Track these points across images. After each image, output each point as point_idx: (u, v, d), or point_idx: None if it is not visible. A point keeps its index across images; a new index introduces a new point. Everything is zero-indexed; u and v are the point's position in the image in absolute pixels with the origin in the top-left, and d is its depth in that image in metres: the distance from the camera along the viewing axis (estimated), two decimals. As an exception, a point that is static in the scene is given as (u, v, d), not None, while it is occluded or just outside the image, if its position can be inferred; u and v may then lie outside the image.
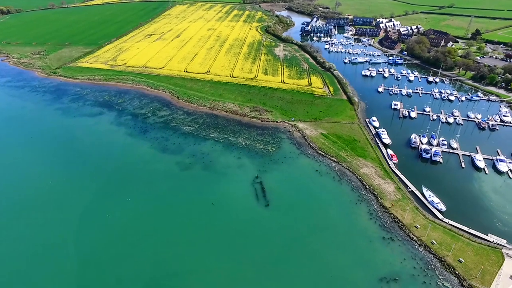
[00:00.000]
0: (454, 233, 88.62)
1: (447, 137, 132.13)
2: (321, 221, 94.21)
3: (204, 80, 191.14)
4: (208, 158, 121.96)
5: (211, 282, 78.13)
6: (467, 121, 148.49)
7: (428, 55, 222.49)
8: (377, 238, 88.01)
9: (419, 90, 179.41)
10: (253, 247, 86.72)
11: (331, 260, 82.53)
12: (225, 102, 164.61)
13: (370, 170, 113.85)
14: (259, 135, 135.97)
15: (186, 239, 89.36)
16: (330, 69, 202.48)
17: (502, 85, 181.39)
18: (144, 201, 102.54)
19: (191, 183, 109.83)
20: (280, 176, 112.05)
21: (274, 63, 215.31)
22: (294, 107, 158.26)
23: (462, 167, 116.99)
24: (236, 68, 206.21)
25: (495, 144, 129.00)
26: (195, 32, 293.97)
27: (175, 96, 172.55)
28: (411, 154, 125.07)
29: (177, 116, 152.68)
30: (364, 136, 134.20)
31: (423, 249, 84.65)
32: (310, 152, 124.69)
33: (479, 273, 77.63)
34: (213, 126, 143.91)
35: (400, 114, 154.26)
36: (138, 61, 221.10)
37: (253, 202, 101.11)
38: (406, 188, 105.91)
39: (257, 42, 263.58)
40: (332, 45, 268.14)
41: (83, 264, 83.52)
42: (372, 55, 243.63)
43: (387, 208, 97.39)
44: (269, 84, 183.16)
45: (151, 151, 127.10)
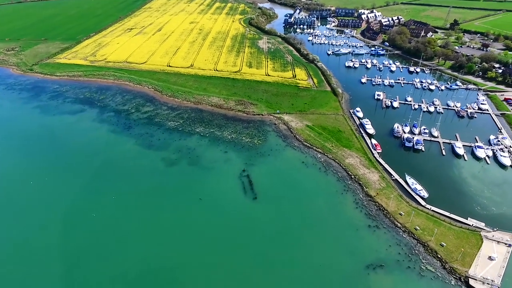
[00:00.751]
0: (436, 219, 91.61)
1: (428, 125, 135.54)
2: (309, 212, 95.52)
3: (188, 74, 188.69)
4: (194, 153, 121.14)
5: (201, 277, 78.35)
6: (447, 109, 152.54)
7: (409, 45, 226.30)
8: (363, 227, 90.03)
9: (401, 80, 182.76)
10: (242, 240, 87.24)
11: (319, 250, 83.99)
12: (210, 96, 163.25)
13: (355, 160, 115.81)
14: (245, 129, 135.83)
15: (174, 235, 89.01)
16: (314, 61, 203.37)
17: (479, 74, 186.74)
18: (130, 199, 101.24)
19: (178, 179, 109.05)
20: (267, 169, 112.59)
21: (258, 55, 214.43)
22: (279, 100, 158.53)
23: (443, 155, 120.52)
24: (220, 62, 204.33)
25: (474, 131, 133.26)
26: (177, 26, 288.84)
27: (159, 91, 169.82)
28: (394, 143, 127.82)
29: (161, 112, 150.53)
30: (348, 127, 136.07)
31: (407, 235, 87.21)
32: (296, 144, 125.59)
33: (459, 256, 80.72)
34: (198, 120, 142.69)
35: (383, 104, 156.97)
36: (119, 56, 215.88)
37: (241, 195, 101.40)
38: (390, 177, 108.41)
39: (240, 34, 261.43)
40: (315, 37, 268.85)
41: (69, 264, 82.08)
42: (354, 46, 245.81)
43: (372, 197, 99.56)
44: (253, 77, 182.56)
45: (135, 148, 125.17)
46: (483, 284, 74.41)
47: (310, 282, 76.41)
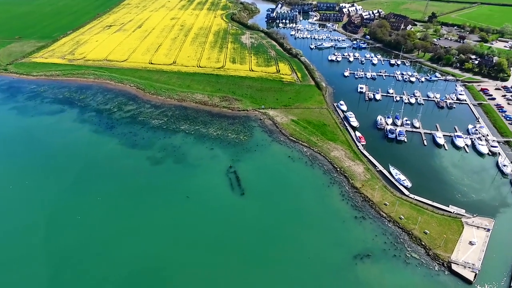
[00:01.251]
0: (420, 207, 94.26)
1: (410, 117, 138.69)
2: (296, 205, 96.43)
3: (171, 71, 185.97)
4: (180, 151, 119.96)
5: (191, 274, 78.08)
6: (427, 100, 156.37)
7: (389, 38, 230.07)
8: (349, 218, 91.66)
9: (382, 73, 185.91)
10: (231, 236, 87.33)
11: (307, 243, 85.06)
12: (194, 93, 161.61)
13: (340, 153, 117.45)
14: (231, 125, 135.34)
15: (162, 234, 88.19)
16: (297, 56, 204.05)
17: (457, 65, 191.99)
18: (116, 199, 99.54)
19: (164, 178, 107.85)
20: (254, 164, 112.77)
21: (242, 51, 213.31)
22: (263, 95, 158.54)
23: (424, 145, 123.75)
24: (203, 58, 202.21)
25: (453, 121, 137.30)
26: (158, 22, 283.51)
27: (141, 89, 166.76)
28: (377, 135, 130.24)
29: (145, 110, 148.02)
30: (333, 120, 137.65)
31: (392, 224, 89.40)
32: (282, 138, 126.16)
33: (442, 242, 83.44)
34: (182, 118, 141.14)
35: (366, 97, 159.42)
36: (98, 54, 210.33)
37: (229, 192, 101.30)
38: (374, 168, 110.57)
39: (223, 30, 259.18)
40: (298, 31, 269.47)
41: (55, 269, 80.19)
42: (337, 40, 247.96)
43: (358, 189, 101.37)
44: (237, 73, 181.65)
45: (119, 147, 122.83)
46: (464, 268, 77.23)
47: (299, 275, 77.40)
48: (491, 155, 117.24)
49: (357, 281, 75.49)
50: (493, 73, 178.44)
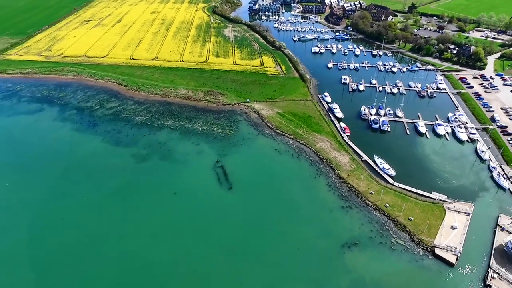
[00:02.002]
0: (404, 195, 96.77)
1: (392, 106, 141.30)
2: (284, 197, 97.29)
3: (153, 66, 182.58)
4: (166, 147, 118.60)
5: (182, 271, 78.00)
6: (409, 90, 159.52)
7: (371, 29, 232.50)
8: (336, 208, 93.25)
9: (365, 64, 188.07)
10: (220, 230, 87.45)
11: (296, 234, 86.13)
12: (178, 88, 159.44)
13: (326, 144, 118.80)
14: (216, 119, 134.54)
15: (151, 231, 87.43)
16: (280, 48, 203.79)
17: (436, 55, 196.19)
18: (102, 198, 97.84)
19: (150, 175, 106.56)
20: (241, 158, 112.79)
21: (225, 44, 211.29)
22: (248, 88, 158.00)
23: (407, 134, 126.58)
24: (185, 52, 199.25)
25: (434, 110, 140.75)
26: (138, 16, 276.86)
27: (123, 85, 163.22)
28: (362, 125, 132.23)
29: (128, 107, 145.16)
30: (318, 112, 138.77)
31: (378, 212, 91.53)
32: (268, 131, 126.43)
33: (425, 228, 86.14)
34: (167, 114, 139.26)
35: (349, 88, 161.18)
36: (77, 51, 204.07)
37: (216, 186, 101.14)
38: (359, 158, 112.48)
39: (205, 23, 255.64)
40: (280, 24, 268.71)
41: (41, 273, 78.48)
42: (320, 32, 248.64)
43: (344, 179, 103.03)
44: (221, 67, 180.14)
45: (103, 145, 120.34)
46: (447, 252, 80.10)
47: (289, 266, 78.49)
48: (470, 142, 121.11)
49: (345, 269, 77.20)
50: (470, 62, 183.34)
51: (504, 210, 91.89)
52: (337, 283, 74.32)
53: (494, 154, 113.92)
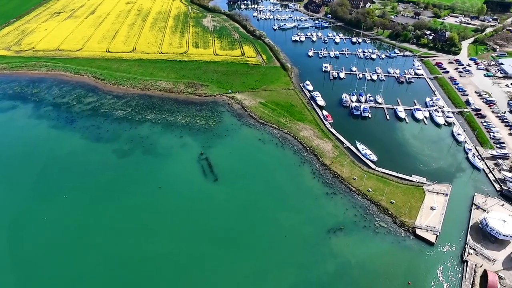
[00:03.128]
0: (386, 179, 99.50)
1: (373, 93, 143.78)
2: (270, 186, 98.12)
3: (131, 59, 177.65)
4: (148, 141, 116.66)
5: (171, 264, 77.80)
6: (388, 76, 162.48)
7: (350, 16, 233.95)
8: (321, 195, 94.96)
9: (345, 51, 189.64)
10: (207, 222, 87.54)
11: (283, 222, 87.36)
12: (158, 80, 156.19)
13: (309, 132, 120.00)
14: (199, 111, 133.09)
15: (137, 227, 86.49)
16: (261, 37, 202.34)
17: (413, 41, 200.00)
18: (84, 196, 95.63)
19: (133, 170, 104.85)
20: (225, 150, 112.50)
21: (204, 35, 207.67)
22: (230, 79, 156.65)
23: (387, 119, 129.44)
24: (164, 44, 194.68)
25: (412, 95, 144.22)
26: (112, 7, 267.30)
27: (100, 79, 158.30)
28: (343, 112, 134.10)
29: (107, 101, 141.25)
30: (300, 101, 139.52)
31: (361, 197, 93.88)
32: (251, 122, 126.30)
33: (407, 210, 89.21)
34: (148, 107, 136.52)
35: (330, 75, 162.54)
36: (49, 44, 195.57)
37: (201, 179, 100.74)
38: (342, 145, 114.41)
39: (183, 14, 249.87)
40: (260, 13, 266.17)
41: (24, 274, 76.51)
42: (299, 20, 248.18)
43: (327, 166, 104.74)
44: (201, 58, 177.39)
45: (82, 142, 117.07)
46: (427, 231, 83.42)
47: (277, 253, 79.76)
48: (447, 125, 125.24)
49: (332, 253, 79.19)
50: (446, 48, 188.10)
51: (479, 190, 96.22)
52: (324, 268, 76.23)
53: (469, 136, 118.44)
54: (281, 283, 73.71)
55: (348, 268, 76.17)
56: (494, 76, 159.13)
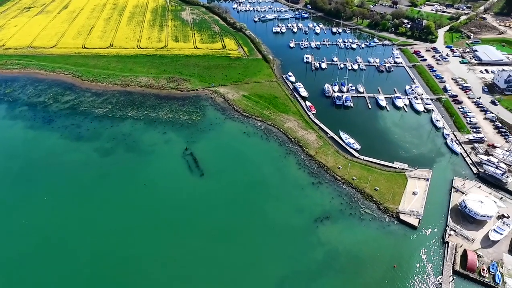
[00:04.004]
0: (369, 167, 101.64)
1: (354, 82, 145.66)
2: (256, 179, 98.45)
3: (109, 55, 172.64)
4: (131, 138, 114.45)
5: (161, 262, 77.21)
6: (368, 66, 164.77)
7: (329, 7, 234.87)
8: (307, 185, 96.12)
9: (326, 42, 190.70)
10: (195, 217, 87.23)
11: (271, 213, 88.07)
12: (138, 76, 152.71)
13: (293, 124, 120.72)
14: (181, 106, 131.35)
15: (123, 226, 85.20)
16: (241, 29, 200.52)
17: (392, 30, 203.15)
18: (66, 197, 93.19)
19: (117, 168, 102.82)
20: (210, 144, 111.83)
21: (184, 28, 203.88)
22: (212, 73, 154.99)
23: (369, 108, 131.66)
24: (142, 38, 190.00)
25: (392, 84, 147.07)
26: (86, 1, 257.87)
27: (78, 77, 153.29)
28: (326, 102, 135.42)
29: (85, 99, 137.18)
30: (283, 92, 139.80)
31: (347, 186, 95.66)
32: (235, 115, 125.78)
33: (390, 196, 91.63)
34: (129, 104, 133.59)
35: (312, 66, 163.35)
36: (20, 41, 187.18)
37: (187, 174, 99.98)
38: (326, 135, 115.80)
39: (160, 7, 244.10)
40: (240, 4, 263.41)
41: (6, 282, 74.32)
42: (279, 11, 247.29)
43: (312, 156, 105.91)
44: (182, 52, 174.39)
45: (62, 142, 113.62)
46: (410, 216, 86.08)
47: (266, 245, 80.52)
48: (426, 112, 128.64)
49: (320, 242, 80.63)
50: (423, 36, 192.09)
51: (457, 173, 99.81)
52: (313, 256, 77.60)
53: (447, 122, 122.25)
54: (271, 274, 74.60)
55: (336, 255, 77.84)
56: (469, 62, 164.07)
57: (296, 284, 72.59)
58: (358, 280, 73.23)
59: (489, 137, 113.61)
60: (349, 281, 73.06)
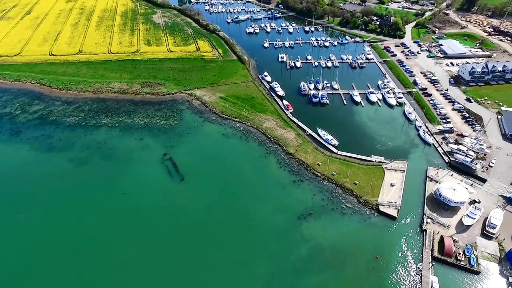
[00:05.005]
0: (348, 162, 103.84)
1: (329, 80, 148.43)
2: (238, 180, 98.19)
3: (78, 61, 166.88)
4: (106, 146, 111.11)
5: (145, 270, 75.44)
6: (341, 63, 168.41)
7: (301, 6, 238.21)
8: (289, 183, 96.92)
9: (299, 41, 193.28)
10: (177, 222, 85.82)
11: (254, 214, 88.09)
12: (110, 82, 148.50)
13: (272, 123, 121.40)
14: (157, 111, 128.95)
15: (103, 237, 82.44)
16: (215, 31, 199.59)
17: (362, 27, 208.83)
18: (40, 211, 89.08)
19: (94, 178, 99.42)
20: (189, 148, 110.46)
21: (156, 32, 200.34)
22: (187, 75, 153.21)
23: (344, 104, 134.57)
24: (113, 43, 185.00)
25: (365, 79, 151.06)
26: (51, 6, 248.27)
27: (46, 85, 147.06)
28: (303, 100, 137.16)
29: (55, 108, 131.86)
30: (260, 92, 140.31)
31: (327, 181, 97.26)
32: (213, 117, 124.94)
33: (369, 189, 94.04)
34: (102, 111, 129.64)
35: (287, 65, 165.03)
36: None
37: (167, 180, 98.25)
38: (304, 133, 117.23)
39: (130, 10, 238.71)
40: (212, 6, 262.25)
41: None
42: (252, 12, 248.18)
43: (292, 154, 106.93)
44: (155, 56, 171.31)
45: (32, 154, 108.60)
46: (389, 207, 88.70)
47: (251, 245, 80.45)
48: (398, 106, 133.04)
49: (304, 239, 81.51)
50: (392, 32, 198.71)
51: (430, 163, 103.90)
52: (298, 253, 78.33)
53: (419, 114, 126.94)
54: (258, 274, 74.64)
55: (320, 251, 78.96)
56: (436, 56, 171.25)
57: (283, 282, 73.03)
58: (343, 273, 74.64)
59: (458, 127, 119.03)
60: (335, 275, 74.31)
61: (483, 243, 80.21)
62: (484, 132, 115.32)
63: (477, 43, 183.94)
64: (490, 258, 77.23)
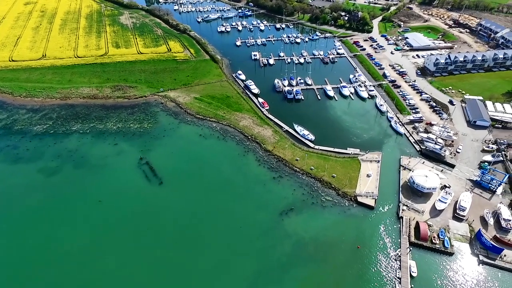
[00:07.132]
0: (325, 156, 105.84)
1: (302, 76, 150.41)
2: (218, 180, 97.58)
3: (42, 67, 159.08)
4: (78, 154, 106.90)
5: (128, 279, 73.44)
6: (313, 58, 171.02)
7: (271, 3, 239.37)
8: (269, 180, 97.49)
9: (271, 38, 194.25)
10: (159, 227, 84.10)
11: (236, 213, 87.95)
12: (79, 87, 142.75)
13: (248, 121, 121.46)
14: (131, 115, 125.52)
15: (80, 249, 79.33)
16: (186, 31, 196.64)
17: (332, 23, 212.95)
18: (10, 226, 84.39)
19: (67, 187, 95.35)
20: (166, 151, 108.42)
21: (124, 33, 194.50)
22: (159, 77, 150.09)
23: (318, 99, 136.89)
24: (79, 47, 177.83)
25: (337, 74, 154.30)
26: (8, 9, 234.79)
27: (8, 93, 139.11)
28: (278, 97, 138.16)
29: (20, 117, 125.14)
30: (235, 91, 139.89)
31: (306, 176, 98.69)
32: (189, 118, 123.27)
33: (347, 181, 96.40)
34: (72, 117, 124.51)
35: (260, 63, 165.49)
36: None
37: (145, 184, 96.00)
38: (281, 129, 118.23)
39: (96, 12, 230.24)
40: (181, 5, 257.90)
41: None
42: (222, 11, 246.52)
43: (270, 151, 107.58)
44: (124, 58, 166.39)
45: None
46: (367, 197, 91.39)
47: (234, 245, 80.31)
48: (370, 98, 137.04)
49: (286, 234, 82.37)
50: (360, 27, 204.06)
51: (403, 152, 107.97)
52: (281, 249, 79.05)
53: (390, 105, 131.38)
54: (243, 273, 74.69)
55: (303, 245, 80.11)
56: (403, 49, 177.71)
57: (270, 278, 73.50)
58: (327, 265, 76.15)
59: (426, 116, 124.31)
60: (319, 268, 75.68)
61: (455, 226, 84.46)
62: (450, 120, 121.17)
63: (439, 35, 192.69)
64: (462, 239, 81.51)
